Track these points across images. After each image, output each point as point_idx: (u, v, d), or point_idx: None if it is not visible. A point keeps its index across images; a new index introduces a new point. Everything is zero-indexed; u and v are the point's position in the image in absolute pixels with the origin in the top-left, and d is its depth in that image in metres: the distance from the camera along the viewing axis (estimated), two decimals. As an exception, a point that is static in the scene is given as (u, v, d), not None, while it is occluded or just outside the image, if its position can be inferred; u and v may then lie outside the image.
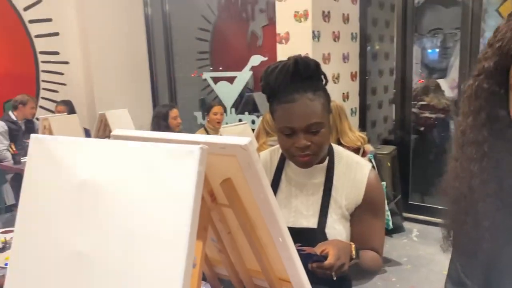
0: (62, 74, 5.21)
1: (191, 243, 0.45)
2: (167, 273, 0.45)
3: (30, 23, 4.87)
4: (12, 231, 2.10)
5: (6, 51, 4.68)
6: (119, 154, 0.51)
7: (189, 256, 0.45)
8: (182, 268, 0.45)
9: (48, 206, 0.54)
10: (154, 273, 0.46)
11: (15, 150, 3.89)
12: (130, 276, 0.47)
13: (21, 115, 4.33)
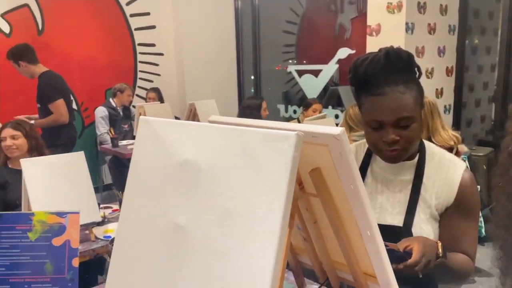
0: (157, 65, 5.56)
1: (284, 225, 0.46)
2: (260, 253, 0.47)
3: (131, 17, 5.26)
4: (110, 207, 2.31)
5: (110, 43, 5.11)
6: (218, 136, 0.53)
7: (281, 238, 0.47)
8: (274, 249, 0.46)
9: (153, 181, 0.59)
10: (247, 252, 0.48)
11: (114, 134, 4.24)
12: (225, 251, 0.50)
13: (119, 102, 4.71)
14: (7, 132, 2.37)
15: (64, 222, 0.85)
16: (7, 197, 2.34)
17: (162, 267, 0.57)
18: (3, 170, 2.39)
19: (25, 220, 0.83)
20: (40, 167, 1.90)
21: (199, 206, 0.53)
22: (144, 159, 0.61)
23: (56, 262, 0.84)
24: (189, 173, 0.55)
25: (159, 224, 0.57)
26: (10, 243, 0.82)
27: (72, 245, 0.85)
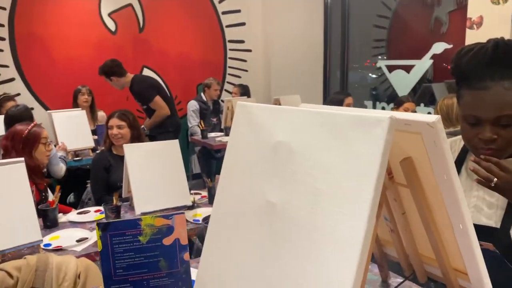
0: (245, 61, 5.73)
1: (373, 208, 0.48)
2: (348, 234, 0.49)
3: (223, 14, 5.47)
4: (199, 194, 2.45)
5: (202, 40, 5.37)
6: (311, 120, 0.56)
7: (369, 222, 0.48)
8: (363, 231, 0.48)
9: (248, 161, 0.64)
10: (336, 232, 0.50)
11: (204, 126, 4.46)
12: (314, 229, 0.52)
13: (208, 96, 4.95)
14: (114, 122, 2.62)
15: (171, 223, 0.91)
16: (110, 179, 2.60)
17: (254, 242, 0.61)
18: (108, 155, 2.65)
19: (134, 226, 0.90)
20: (140, 152, 2.09)
21: (291, 185, 0.56)
22: (240, 140, 0.66)
23: (169, 258, 0.92)
24: (282, 154, 0.58)
25: (252, 201, 0.61)
26: (123, 248, 0.90)
27: (182, 242, 0.93)
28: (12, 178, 1.67)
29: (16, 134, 2.24)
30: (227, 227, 0.66)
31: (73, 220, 2.02)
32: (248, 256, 0.61)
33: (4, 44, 4.20)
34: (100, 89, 4.51)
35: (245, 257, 0.61)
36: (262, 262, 0.59)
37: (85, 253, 1.67)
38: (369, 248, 0.52)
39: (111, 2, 4.74)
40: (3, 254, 1.58)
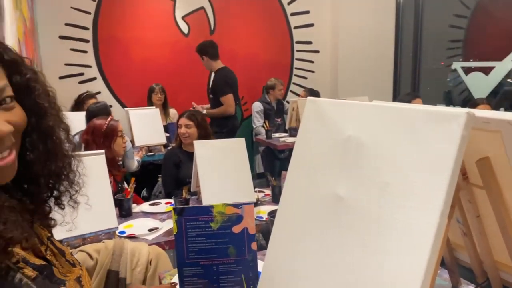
0: (312, 62, 5.71)
1: (446, 205, 0.47)
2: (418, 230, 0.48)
3: (291, 16, 5.50)
4: (263, 192, 2.49)
5: (270, 41, 5.43)
6: (382, 114, 0.56)
7: (442, 217, 0.47)
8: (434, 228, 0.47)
9: (317, 154, 0.65)
10: (405, 227, 0.50)
11: (268, 127, 4.51)
12: (382, 223, 0.52)
13: (273, 97, 4.99)
14: (183, 121, 2.75)
15: (241, 212, 0.97)
16: (179, 175, 2.72)
17: (321, 235, 0.62)
18: (178, 152, 2.78)
19: (206, 212, 0.96)
20: (209, 149, 2.17)
21: (360, 179, 0.56)
22: (310, 135, 0.67)
23: (237, 246, 0.98)
24: (352, 148, 0.58)
25: (320, 194, 0.62)
26: (196, 233, 0.96)
27: (250, 231, 0.98)
28: (93, 169, 1.81)
29: (96, 128, 2.41)
30: (294, 220, 0.68)
31: (146, 211, 2.14)
32: (315, 249, 0.62)
33: (88, 46, 4.55)
34: (173, 88, 4.74)
35: (311, 250, 0.62)
36: (329, 255, 0.60)
37: (156, 241, 1.77)
38: (440, 247, 0.51)
39: (185, 5, 4.95)
40: (84, 238, 1.72)
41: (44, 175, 0.73)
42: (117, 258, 1.45)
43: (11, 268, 0.59)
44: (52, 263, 0.71)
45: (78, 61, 4.51)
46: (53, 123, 0.72)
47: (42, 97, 0.70)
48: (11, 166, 0.63)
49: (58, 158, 0.74)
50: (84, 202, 0.84)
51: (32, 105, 0.68)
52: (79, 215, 0.83)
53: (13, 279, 0.58)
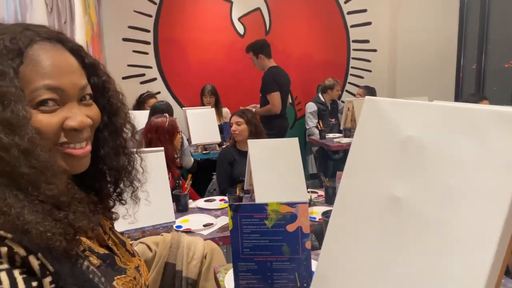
0: (369, 61, 5.58)
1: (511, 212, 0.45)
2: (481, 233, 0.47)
3: (348, 14, 5.41)
4: (316, 192, 2.47)
5: (326, 40, 5.38)
6: (443, 114, 0.54)
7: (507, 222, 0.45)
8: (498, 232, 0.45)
9: (374, 155, 0.64)
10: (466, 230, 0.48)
11: (322, 127, 4.47)
12: (443, 226, 0.51)
13: (329, 97, 4.93)
14: (234, 119, 2.82)
15: (295, 211, 0.98)
16: (233, 173, 2.77)
17: (377, 237, 0.61)
18: (232, 150, 2.84)
19: (261, 210, 0.98)
20: (262, 148, 2.19)
21: (419, 180, 0.55)
22: (367, 134, 0.67)
23: (291, 244, 0.99)
24: (411, 149, 0.57)
25: (377, 195, 0.62)
26: (251, 229, 0.99)
27: (304, 230, 0.98)
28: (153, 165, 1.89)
29: (159, 126, 2.53)
30: (349, 220, 0.68)
31: (201, 207, 2.21)
32: (370, 251, 0.61)
33: (149, 47, 4.76)
34: (228, 88, 4.83)
35: (367, 251, 0.62)
36: (384, 257, 0.59)
37: (210, 237, 1.82)
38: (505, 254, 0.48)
39: (241, 7, 5.03)
40: (143, 231, 1.81)
41: (110, 171, 0.79)
42: (174, 251, 1.51)
43: (80, 255, 0.64)
44: (114, 252, 0.77)
45: (140, 62, 4.73)
46: (123, 122, 0.79)
47: (115, 98, 0.78)
48: (87, 156, 0.70)
49: (124, 156, 0.80)
50: (144, 198, 0.89)
51: (105, 105, 0.76)
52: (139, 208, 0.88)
53: (82, 266, 0.63)
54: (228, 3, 4.97)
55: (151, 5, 4.70)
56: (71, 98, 0.66)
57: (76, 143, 0.66)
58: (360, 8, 5.42)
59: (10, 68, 0.58)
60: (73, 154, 0.66)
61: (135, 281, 0.75)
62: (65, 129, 0.65)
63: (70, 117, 0.65)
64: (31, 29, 0.65)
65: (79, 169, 0.69)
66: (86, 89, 0.69)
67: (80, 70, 0.69)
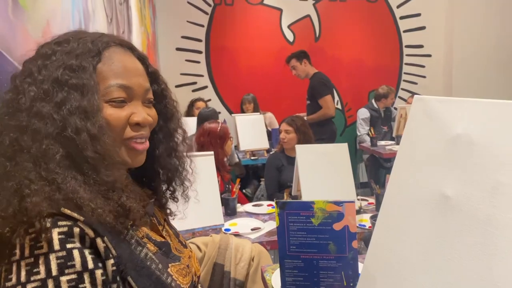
0: (423, 67, 5.40)
1: None
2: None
3: (401, 19, 5.28)
4: (366, 200, 2.42)
5: (377, 46, 5.27)
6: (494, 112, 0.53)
7: None
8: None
9: (423, 154, 0.63)
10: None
11: (373, 134, 4.36)
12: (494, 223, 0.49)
13: (382, 105, 4.80)
14: (283, 127, 2.83)
15: (342, 210, 0.97)
16: (281, 178, 2.78)
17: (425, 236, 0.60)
18: (281, 156, 2.86)
19: (308, 208, 0.99)
20: (311, 153, 2.19)
21: (470, 178, 0.53)
22: (415, 133, 0.66)
23: (338, 243, 0.98)
24: (461, 147, 0.56)
25: (426, 193, 0.60)
26: (297, 227, 0.99)
27: (351, 229, 0.98)
28: (203, 168, 1.95)
29: (211, 131, 2.59)
30: (397, 219, 0.67)
31: (249, 211, 2.24)
32: (419, 250, 0.60)
33: (201, 56, 4.90)
34: (276, 95, 4.87)
35: (415, 251, 0.61)
36: (433, 256, 0.58)
37: (258, 241, 1.84)
38: None
39: (291, 14, 5.06)
40: (193, 232, 1.86)
41: (164, 171, 0.85)
42: (223, 252, 1.54)
43: (139, 243, 0.69)
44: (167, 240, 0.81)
45: (192, 70, 4.88)
46: (175, 127, 0.87)
47: (170, 104, 0.86)
48: (144, 152, 0.76)
49: (176, 157, 0.87)
50: (194, 197, 0.94)
51: (162, 110, 0.84)
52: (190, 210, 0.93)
53: (140, 253, 0.68)
54: (278, 11, 5.02)
55: (203, 15, 4.85)
56: (137, 98, 0.73)
57: (139, 138, 0.73)
58: (413, 13, 5.27)
59: (90, 65, 0.68)
60: (135, 148, 0.73)
61: (188, 269, 0.80)
62: (130, 124, 0.72)
63: (135, 113, 0.72)
64: (107, 36, 0.75)
65: (137, 162, 0.75)
66: (149, 92, 0.77)
67: (145, 75, 0.77)
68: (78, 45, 0.69)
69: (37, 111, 0.63)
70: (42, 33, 1.11)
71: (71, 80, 0.65)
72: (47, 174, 0.60)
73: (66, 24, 1.28)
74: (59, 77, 0.65)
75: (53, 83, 0.65)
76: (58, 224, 0.58)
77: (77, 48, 0.69)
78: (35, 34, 1.07)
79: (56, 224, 0.58)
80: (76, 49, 0.68)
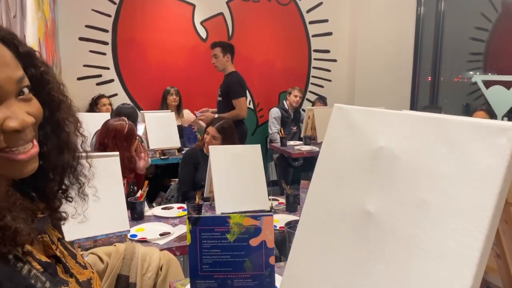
0: (329, 71, 5.67)
1: (492, 227, 0.42)
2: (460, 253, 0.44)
3: (310, 24, 5.47)
4: (277, 200, 2.44)
5: (288, 48, 5.41)
6: (417, 125, 0.52)
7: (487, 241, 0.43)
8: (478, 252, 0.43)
9: (343, 166, 0.61)
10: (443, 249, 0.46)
11: (283, 134, 4.47)
12: (416, 243, 0.48)
13: (289, 103, 4.96)
14: (212, 131, 2.71)
15: (259, 224, 0.92)
16: (196, 176, 2.69)
17: (346, 252, 0.58)
18: (199, 153, 2.76)
19: (223, 223, 0.92)
20: (224, 155, 2.14)
21: (393, 194, 0.52)
22: (336, 144, 0.64)
23: (254, 260, 0.93)
24: (384, 161, 0.54)
25: (346, 209, 0.58)
26: (211, 244, 0.92)
27: (268, 245, 0.93)
28: (107, 170, 1.79)
29: (118, 131, 2.37)
30: (316, 235, 0.64)
31: (158, 215, 2.12)
32: (339, 267, 0.58)
33: (107, 48, 4.58)
34: (189, 92, 4.75)
35: (335, 268, 0.58)
36: (354, 275, 0.56)
37: (167, 247, 1.74)
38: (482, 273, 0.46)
39: (204, 11, 4.97)
40: (95, 240, 1.70)
41: (55, 168, 0.71)
42: (128, 262, 1.42)
43: (20, 259, 0.57)
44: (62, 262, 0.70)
45: (97, 62, 4.55)
46: (65, 116, 0.72)
47: (56, 90, 0.70)
48: (34, 159, 0.62)
49: (68, 151, 0.73)
50: (92, 194, 0.82)
51: (46, 98, 0.68)
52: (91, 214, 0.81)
53: (22, 270, 0.57)
54: (191, 6, 4.89)
55: (111, 4, 4.54)
56: (8, 95, 0.58)
57: (19, 146, 0.59)
58: (322, 18, 5.49)
59: None
60: (16, 159, 0.59)
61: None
62: (5, 131, 0.57)
63: (9, 116, 0.57)
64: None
65: (24, 174, 0.61)
66: (23, 81, 0.61)
67: (14, 61, 0.61)
68: None
69: None
70: None
71: None
72: None
73: None
74: None
75: None
76: None
77: None
78: None
79: None
80: None
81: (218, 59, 3.94)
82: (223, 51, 3.91)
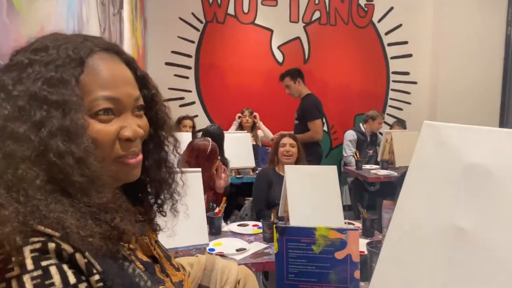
0: (408, 93, 5.49)
1: None
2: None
3: (388, 46, 5.37)
4: (352, 223, 2.39)
5: (365, 71, 5.34)
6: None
7: None
8: None
9: (434, 183, 0.60)
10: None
11: (359, 157, 4.37)
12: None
13: (369, 128, 4.84)
14: (287, 140, 2.79)
15: (345, 237, 0.93)
16: (270, 194, 2.73)
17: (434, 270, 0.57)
18: (271, 173, 2.82)
19: (309, 234, 0.94)
20: (300, 174, 2.16)
21: (487, 210, 0.51)
22: (425, 161, 0.63)
23: (339, 273, 0.93)
24: (477, 177, 0.53)
25: (437, 226, 0.58)
26: (297, 254, 0.94)
27: (354, 259, 0.93)
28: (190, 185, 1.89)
29: (201, 151, 2.50)
30: (403, 252, 0.63)
31: (234, 231, 2.18)
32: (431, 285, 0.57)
33: (190, 72, 4.88)
34: (264, 114, 4.86)
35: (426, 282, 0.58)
36: None
37: (243, 262, 1.78)
38: None
39: (282, 35, 5.10)
40: (177, 251, 1.79)
41: (152, 183, 0.79)
42: (208, 274, 1.47)
43: (127, 258, 0.63)
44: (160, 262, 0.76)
45: (180, 86, 4.85)
46: (167, 135, 0.80)
47: (162, 111, 0.78)
48: (139, 166, 0.70)
49: (166, 168, 0.80)
50: (183, 212, 0.88)
51: (153, 117, 0.76)
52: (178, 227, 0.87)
53: (128, 268, 0.63)
54: (269, 31, 5.06)
55: (194, 31, 4.85)
56: (126, 109, 0.67)
57: (130, 154, 0.67)
58: (401, 40, 5.38)
59: (72, 77, 0.60)
60: (128, 163, 0.67)
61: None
62: (120, 139, 0.65)
63: (125, 127, 0.66)
64: (90, 39, 0.67)
65: (132, 177, 0.69)
66: (139, 100, 0.70)
67: (134, 82, 0.70)
68: (58, 53, 0.61)
69: (12, 132, 0.55)
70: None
71: (51, 96, 0.58)
72: (26, 201, 0.53)
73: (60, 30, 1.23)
74: (37, 93, 0.57)
75: (30, 99, 0.57)
76: (30, 241, 0.51)
77: (57, 57, 0.60)
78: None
79: (28, 241, 0.51)
80: (56, 59, 0.60)
81: (291, 88, 4.01)
82: (292, 78, 3.97)
